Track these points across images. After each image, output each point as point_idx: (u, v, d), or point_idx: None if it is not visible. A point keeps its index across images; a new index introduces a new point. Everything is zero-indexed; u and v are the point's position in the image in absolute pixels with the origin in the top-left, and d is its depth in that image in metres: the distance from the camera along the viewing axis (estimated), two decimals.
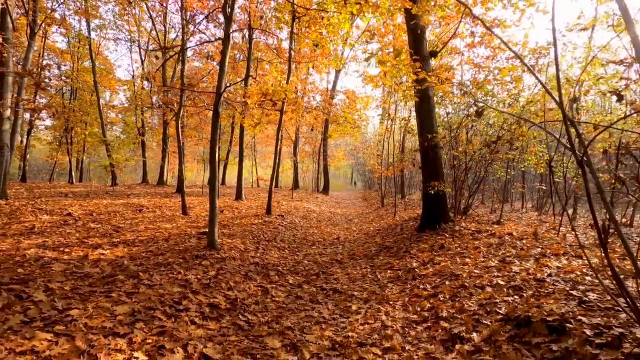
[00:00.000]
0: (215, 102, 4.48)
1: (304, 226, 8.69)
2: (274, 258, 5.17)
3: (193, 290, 3.27)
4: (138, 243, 4.81)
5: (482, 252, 4.73)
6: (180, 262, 3.97)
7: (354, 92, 20.82)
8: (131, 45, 22.27)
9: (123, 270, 3.51)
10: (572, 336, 2.23)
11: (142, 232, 5.61)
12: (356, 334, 2.87)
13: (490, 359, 2.26)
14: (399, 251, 5.77)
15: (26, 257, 3.70)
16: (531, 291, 3.13)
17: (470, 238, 5.68)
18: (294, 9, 7.07)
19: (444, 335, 2.72)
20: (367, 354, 2.50)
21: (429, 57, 6.88)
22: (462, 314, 2.98)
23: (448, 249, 5.28)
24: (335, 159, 28.17)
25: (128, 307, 2.64)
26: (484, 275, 3.78)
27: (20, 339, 2.02)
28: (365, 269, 5.01)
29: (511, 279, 3.51)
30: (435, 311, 3.17)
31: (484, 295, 3.25)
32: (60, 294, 2.72)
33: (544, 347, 2.23)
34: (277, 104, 8.28)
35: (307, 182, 33.42)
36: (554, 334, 2.34)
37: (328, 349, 2.61)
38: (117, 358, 2.04)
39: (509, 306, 2.89)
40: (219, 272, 3.94)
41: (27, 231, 5.20)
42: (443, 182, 6.73)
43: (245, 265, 4.46)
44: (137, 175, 34.93)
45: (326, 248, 6.53)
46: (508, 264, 4.02)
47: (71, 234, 5.20)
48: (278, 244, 6.15)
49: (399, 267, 4.85)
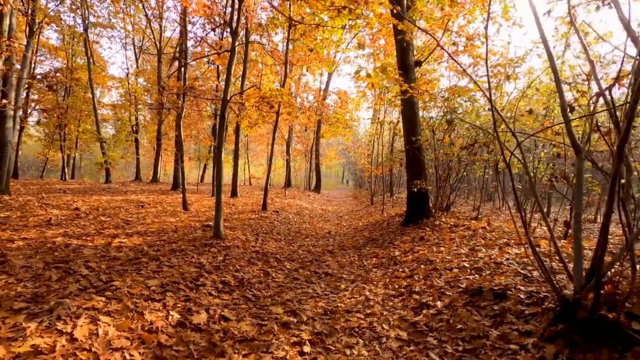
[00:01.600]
0: (222, 108, 5.05)
1: (297, 221, 9.29)
2: (272, 248, 5.77)
3: (207, 271, 3.86)
4: (150, 234, 5.36)
5: (456, 242, 5.40)
6: (192, 249, 4.54)
7: (346, 93, 21.46)
8: (125, 43, 22.49)
9: (144, 255, 4.07)
10: (510, 299, 2.90)
11: (151, 225, 6.14)
12: (344, 304, 3.50)
13: (448, 317, 2.91)
14: (384, 243, 6.42)
15: (56, 244, 4.23)
16: (489, 271, 3.79)
17: (447, 231, 6.35)
18: (290, 18, 7.63)
19: (415, 304, 3.37)
20: (352, 318, 3.13)
21: (413, 66, 7.54)
22: (431, 289, 3.63)
23: (427, 240, 5.94)
24: (327, 157, 28.80)
25: (157, 281, 3.22)
26: (454, 260, 4.44)
27: (83, 300, 2.58)
28: (353, 257, 5.65)
29: (475, 263, 4.18)
30: (410, 288, 3.82)
31: (451, 275, 3.91)
32: (99, 271, 3.28)
33: (488, 308, 2.89)
34: (274, 106, 8.85)
35: (299, 180, 33.98)
36: (498, 299, 3.00)
37: (321, 314, 3.23)
38: (158, 315, 2.63)
39: (468, 282, 3.55)
40: (226, 257, 4.53)
41: (45, 223, 5.68)
42: (425, 181, 7.41)
43: (248, 253, 5.05)
44: (127, 172, 35.01)
45: (318, 240, 7.15)
46: (476, 252, 4.69)
47: (86, 226, 5.71)
48: (275, 236, 6.75)
49: (383, 256, 5.51)
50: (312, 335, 2.75)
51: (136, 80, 23.18)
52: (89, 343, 2.10)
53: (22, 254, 3.58)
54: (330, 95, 22.80)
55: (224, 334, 2.63)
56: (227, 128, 20.91)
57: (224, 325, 2.78)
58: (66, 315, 2.32)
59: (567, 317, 2.30)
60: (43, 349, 1.95)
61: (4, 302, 2.39)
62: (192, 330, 2.58)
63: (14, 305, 2.35)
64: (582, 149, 2.57)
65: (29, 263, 3.27)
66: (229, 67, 5.22)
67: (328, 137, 23.59)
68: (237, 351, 2.40)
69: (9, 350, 1.89)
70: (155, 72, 22.90)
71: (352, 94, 21.05)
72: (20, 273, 2.98)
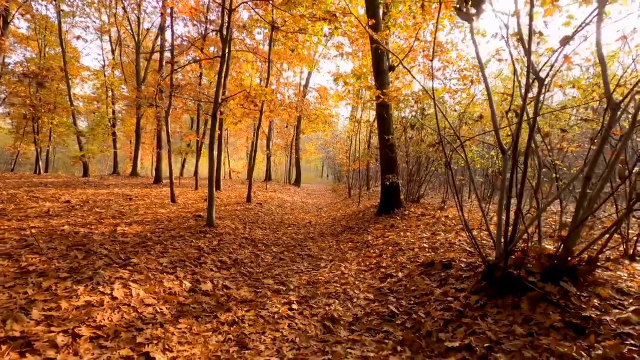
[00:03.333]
0: (213, 110, 5.60)
1: (280, 213, 9.94)
2: (259, 235, 6.41)
3: (205, 252, 4.47)
4: (147, 223, 5.87)
5: (420, 228, 6.24)
6: (189, 235, 5.12)
7: (325, 89, 22.09)
8: (102, 34, 22.06)
9: (149, 239, 4.63)
10: (454, 268, 3.71)
11: (145, 216, 6.62)
12: (323, 277, 4.22)
13: (406, 283, 3.69)
14: (359, 230, 7.20)
15: (66, 232, 4.70)
16: (443, 249, 4.61)
17: (415, 219, 7.20)
18: (273, 23, 8.17)
19: (381, 275, 4.14)
20: (330, 286, 3.86)
21: (387, 71, 8.29)
22: (395, 264, 4.42)
23: (396, 227, 6.76)
24: (306, 152, 29.43)
25: (167, 259, 3.82)
26: (416, 242, 5.26)
27: (111, 273, 3.16)
28: (331, 243, 6.38)
29: (433, 244, 5.00)
30: (378, 264, 4.59)
31: (412, 253, 4.71)
32: (116, 252, 3.83)
33: (436, 275, 3.69)
34: (258, 104, 9.40)
35: (279, 175, 34.49)
36: (445, 268, 3.81)
37: (305, 284, 3.93)
38: (173, 283, 3.25)
39: (425, 258, 4.35)
40: (220, 242, 5.14)
41: (45, 214, 6.05)
42: (396, 175, 8.23)
43: (238, 239, 5.67)
44: (102, 166, 34.33)
45: (300, 229, 7.84)
46: (435, 235, 5.53)
47: (85, 216, 6.13)
48: (260, 225, 7.38)
49: (357, 241, 6.27)
50: (298, 298, 3.46)
51: (112, 72, 22.83)
52: (127, 300, 2.71)
53: (41, 240, 4.06)
54: (310, 91, 23.39)
55: (228, 298, 3.29)
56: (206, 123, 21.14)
57: (226, 291, 3.43)
58: (103, 282, 2.91)
59: (489, 276, 3.11)
60: (94, 303, 2.55)
61: (50, 273, 2.94)
62: (202, 295, 3.22)
63: (59, 275, 2.91)
64: (505, 150, 3.38)
65: (51, 246, 3.78)
66: (220, 72, 5.76)
67: (308, 133, 24.20)
68: (240, 308, 3.07)
69: (70, 303, 2.48)
70: (132, 64, 22.67)
71: (332, 90, 21.73)
72: (49, 253, 3.50)
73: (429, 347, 2.45)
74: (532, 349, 2.14)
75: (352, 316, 3.05)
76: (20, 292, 2.55)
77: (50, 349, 1.99)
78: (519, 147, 3.78)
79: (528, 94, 2.88)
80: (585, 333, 2.19)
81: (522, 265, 3.00)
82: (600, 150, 2.75)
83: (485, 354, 2.20)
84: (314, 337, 2.66)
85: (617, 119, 2.68)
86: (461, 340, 2.40)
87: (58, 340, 2.05)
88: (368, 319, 2.97)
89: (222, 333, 2.60)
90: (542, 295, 2.64)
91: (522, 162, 3.01)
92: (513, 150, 2.89)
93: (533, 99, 3.18)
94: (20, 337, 2.03)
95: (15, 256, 3.32)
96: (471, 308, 2.82)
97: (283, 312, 3.07)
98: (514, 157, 2.82)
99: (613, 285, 2.74)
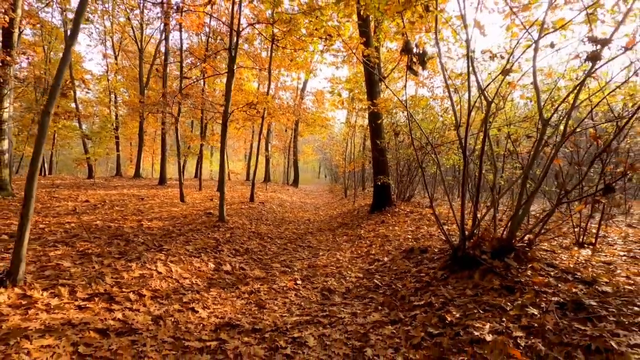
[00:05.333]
0: (223, 119, 6.38)
1: (281, 211, 10.72)
2: (264, 230, 7.19)
3: (221, 242, 5.25)
4: (165, 219, 6.63)
5: (407, 223, 7.05)
6: (205, 229, 5.90)
7: (322, 92, 22.90)
8: (105, 39, 22.73)
9: (172, 232, 5.40)
10: (429, 252, 4.51)
11: (161, 213, 7.37)
12: (322, 262, 5.01)
13: (389, 265, 4.49)
14: (353, 226, 8.00)
15: (99, 226, 5.45)
16: (424, 240, 5.42)
17: (404, 216, 8.01)
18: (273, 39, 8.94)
19: (370, 260, 4.94)
20: (327, 269, 4.65)
21: (378, 82, 9.11)
22: (383, 252, 5.22)
23: (387, 222, 7.57)
24: (304, 154, 30.25)
25: (192, 247, 4.60)
26: (402, 235, 6.06)
27: (152, 255, 3.94)
28: (328, 236, 7.18)
29: (416, 235, 5.81)
30: (368, 251, 5.39)
31: (397, 243, 5.51)
32: (150, 240, 4.60)
33: (415, 258, 4.49)
34: (259, 111, 10.19)
35: (278, 175, 35.24)
36: (422, 253, 4.61)
37: (306, 267, 4.72)
38: (202, 264, 4.03)
39: (407, 246, 5.16)
40: (232, 235, 5.92)
41: (71, 212, 6.80)
42: (387, 177, 9.05)
43: (247, 233, 6.45)
44: (103, 168, 34.99)
45: (300, 225, 8.63)
46: (419, 229, 6.34)
47: (109, 214, 6.88)
48: (264, 222, 8.16)
49: (351, 235, 7.07)
50: (301, 276, 4.25)
51: (115, 77, 23.49)
52: (169, 274, 3.49)
53: (83, 232, 4.81)
54: (307, 95, 24.19)
55: (245, 276, 4.07)
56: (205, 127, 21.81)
57: (243, 272, 4.21)
58: (148, 261, 3.68)
59: (453, 256, 3.92)
60: (146, 275, 3.33)
61: (105, 255, 3.71)
62: (224, 273, 4.01)
63: (113, 256, 3.69)
64: (467, 156, 4.19)
65: (95, 236, 4.54)
66: (229, 86, 6.55)
67: (306, 135, 24.97)
68: (255, 283, 3.85)
69: (129, 275, 3.25)
70: (134, 68, 23.38)
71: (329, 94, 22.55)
72: (96, 241, 4.27)
73: (402, 305, 3.25)
74: (475, 303, 2.95)
75: (345, 288, 3.85)
76: (89, 267, 3.32)
77: (126, 302, 2.76)
78: (478, 153, 4.59)
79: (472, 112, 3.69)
80: (514, 292, 3.00)
81: (478, 246, 3.81)
82: (535, 155, 3.58)
83: (441, 307, 3.00)
84: (315, 302, 3.45)
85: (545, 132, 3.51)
86: (425, 300, 3.20)
87: (130, 296, 2.83)
88: (357, 290, 3.77)
89: (244, 298, 3.38)
90: (490, 268, 3.45)
91: (491, 165, 3.82)
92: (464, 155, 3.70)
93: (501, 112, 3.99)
94: (104, 293, 2.80)
95: (70, 243, 4.08)
96: (437, 279, 3.63)
97: (290, 285, 3.86)
98: (464, 162, 3.62)
99: (547, 262, 3.55)
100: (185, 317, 2.77)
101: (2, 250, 3.59)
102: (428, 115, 10.04)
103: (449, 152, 7.87)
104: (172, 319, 2.67)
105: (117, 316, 2.51)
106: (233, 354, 2.32)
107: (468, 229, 4.04)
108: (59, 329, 2.19)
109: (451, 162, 8.26)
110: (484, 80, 4.26)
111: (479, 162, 3.79)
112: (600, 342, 2.06)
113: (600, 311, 2.47)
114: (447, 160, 8.03)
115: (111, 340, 2.21)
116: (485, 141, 3.75)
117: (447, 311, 2.87)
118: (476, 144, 5.26)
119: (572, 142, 4.09)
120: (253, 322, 2.83)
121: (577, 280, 3.04)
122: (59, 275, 3.02)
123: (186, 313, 2.84)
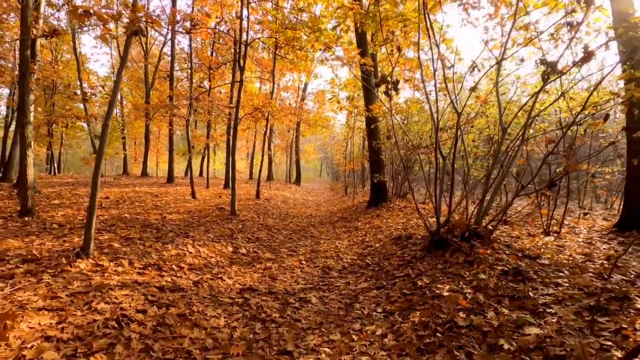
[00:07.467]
0: (234, 124, 7.18)
1: (285, 207, 11.54)
2: (270, 222, 8.01)
3: (235, 232, 6.06)
4: (183, 213, 7.44)
5: (400, 216, 7.85)
6: (220, 221, 6.72)
7: (323, 93, 23.68)
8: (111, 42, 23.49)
9: (192, 223, 6.21)
10: (413, 238, 5.32)
11: (178, 208, 8.18)
12: (322, 248, 5.82)
13: (379, 249, 5.30)
14: (351, 219, 8.81)
15: (128, 218, 6.27)
16: (412, 229, 6.22)
17: (398, 210, 8.81)
18: (275, 49, 9.73)
19: (364, 246, 5.74)
20: (327, 253, 5.46)
21: (374, 87, 9.88)
22: (375, 239, 6.02)
23: (382, 216, 8.37)
24: (306, 153, 31.03)
25: (212, 234, 5.41)
26: (393, 226, 6.86)
27: (181, 240, 4.75)
28: (329, 228, 7.99)
29: (406, 226, 6.61)
30: (363, 240, 6.20)
31: (389, 232, 6.32)
32: (177, 229, 5.42)
33: (401, 243, 5.29)
34: (265, 114, 10.99)
35: (280, 174, 36.05)
36: (407, 239, 5.41)
37: (309, 252, 5.53)
38: (222, 247, 4.84)
39: (397, 234, 5.96)
40: (243, 226, 6.74)
41: (99, 207, 7.61)
42: (383, 175, 9.84)
43: (256, 225, 7.26)
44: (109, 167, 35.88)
45: (303, 219, 9.44)
46: (409, 221, 7.14)
47: (131, 208, 7.69)
48: (271, 216, 8.98)
49: (349, 227, 7.88)
50: (305, 258, 5.06)
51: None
52: (198, 254, 4.30)
53: (118, 222, 5.63)
54: (308, 96, 24.98)
55: (258, 257, 4.89)
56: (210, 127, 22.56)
57: (256, 254, 5.03)
58: (180, 244, 4.50)
59: (431, 240, 4.72)
60: (180, 254, 4.14)
61: (145, 238, 4.53)
62: (241, 255, 4.83)
63: (151, 239, 4.50)
64: (445, 158, 4.98)
65: (130, 225, 5.36)
66: (239, 94, 7.35)
67: (307, 135, 25.76)
68: (268, 262, 4.67)
69: (168, 253, 4.07)
70: (139, 70, 24.17)
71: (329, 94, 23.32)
72: (133, 229, 5.09)
73: (386, 277, 4.05)
74: (442, 273, 3.75)
75: (341, 267, 4.66)
76: (135, 247, 4.14)
77: (171, 271, 3.58)
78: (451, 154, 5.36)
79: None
80: (473, 264, 3.80)
81: (451, 232, 4.62)
82: (495, 157, 4.37)
83: (415, 277, 3.80)
84: (317, 276, 4.27)
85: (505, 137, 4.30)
86: (404, 272, 4.01)
87: (173, 267, 3.65)
88: (351, 267, 4.58)
89: (259, 273, 4.20)
90: (458, 248, 4.25)
91: (468, 164, 4.62)
92: (436, 156, 4.50)
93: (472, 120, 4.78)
94: (154, 264, 3.62)
95: (112, 230, 4.90)
96: (416, 258, 4.44)
97: (296, 264, 4.68)
98: (436, 162, 4.43)
99: (506, 244, 4.35)
100: (216, 283, 3.58)
101: (62, 234, 4.42)
102: (422, 117, 10.84)
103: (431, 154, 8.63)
104: (207, 284, 3.49)
105: (167, 279, 3.33)
106: (256, 306, 3.13)
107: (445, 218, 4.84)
108: (130, 286, 3.01)
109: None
110: (458, 95, 5.01)
111: (451, 163, 4.59)
112: (521, 293, 2.86)
113: (533, 276, 3.27)
114: (433, 160, 8.81)
115: (167, 294, 3.03)
116: (456, 145, 4.55)
117: (419, 279, 3.68)
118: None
119: (531, 145, 4.89)
120: (268, 288, 3.64)
121: (525, 257, 3.84)
122: (115, 252, 3.83)
123: (216, 281, 3.65)
